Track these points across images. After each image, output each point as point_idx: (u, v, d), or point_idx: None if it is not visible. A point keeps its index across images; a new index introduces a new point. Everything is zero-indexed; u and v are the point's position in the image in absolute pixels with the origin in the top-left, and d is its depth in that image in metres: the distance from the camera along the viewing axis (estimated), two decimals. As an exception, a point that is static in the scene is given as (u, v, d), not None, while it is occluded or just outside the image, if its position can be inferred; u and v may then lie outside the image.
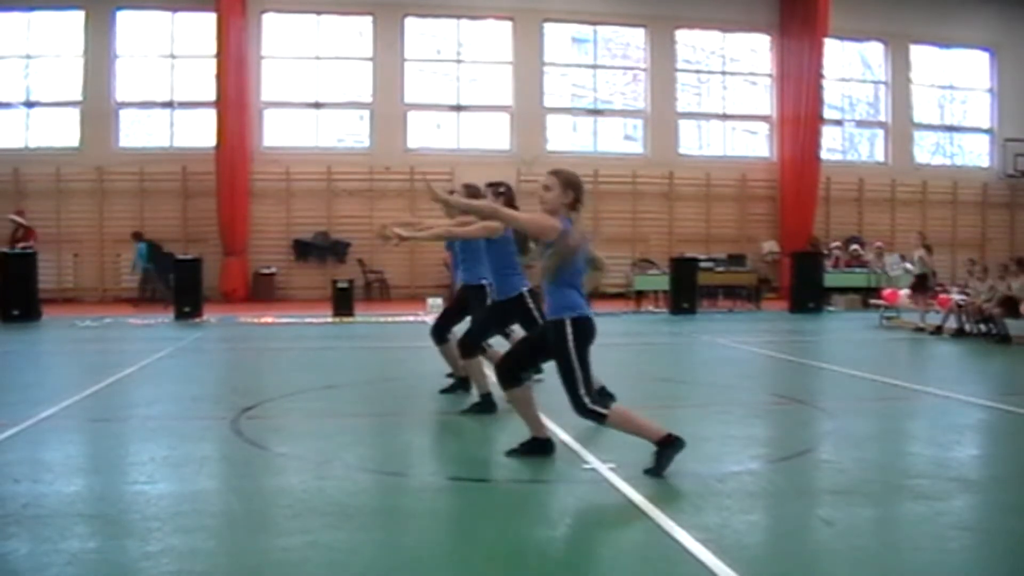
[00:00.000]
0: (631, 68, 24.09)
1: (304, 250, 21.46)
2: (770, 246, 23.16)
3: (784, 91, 23.45)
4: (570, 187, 4.80)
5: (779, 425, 6.52)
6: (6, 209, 19.77)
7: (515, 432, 5.46)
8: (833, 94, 24.44)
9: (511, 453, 5.26)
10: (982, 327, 12.31)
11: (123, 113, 21.86)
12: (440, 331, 7.33)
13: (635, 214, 22.72)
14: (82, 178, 20.89)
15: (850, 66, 25.08)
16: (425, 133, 22.70)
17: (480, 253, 6.67)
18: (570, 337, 4.75)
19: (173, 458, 5.30)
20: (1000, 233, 24.89)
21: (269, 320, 15.53)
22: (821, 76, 22.61)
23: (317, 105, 22.27)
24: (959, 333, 12.63)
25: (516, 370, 5.13)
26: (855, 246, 21.84)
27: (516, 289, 6.39)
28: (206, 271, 17.35)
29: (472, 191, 6.63)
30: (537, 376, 7.10)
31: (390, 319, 15.99)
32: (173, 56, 21.83)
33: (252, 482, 4.87)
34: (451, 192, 6.35)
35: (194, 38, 21.56)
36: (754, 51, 24.47)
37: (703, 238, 22.62)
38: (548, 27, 23.10)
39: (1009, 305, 11.81)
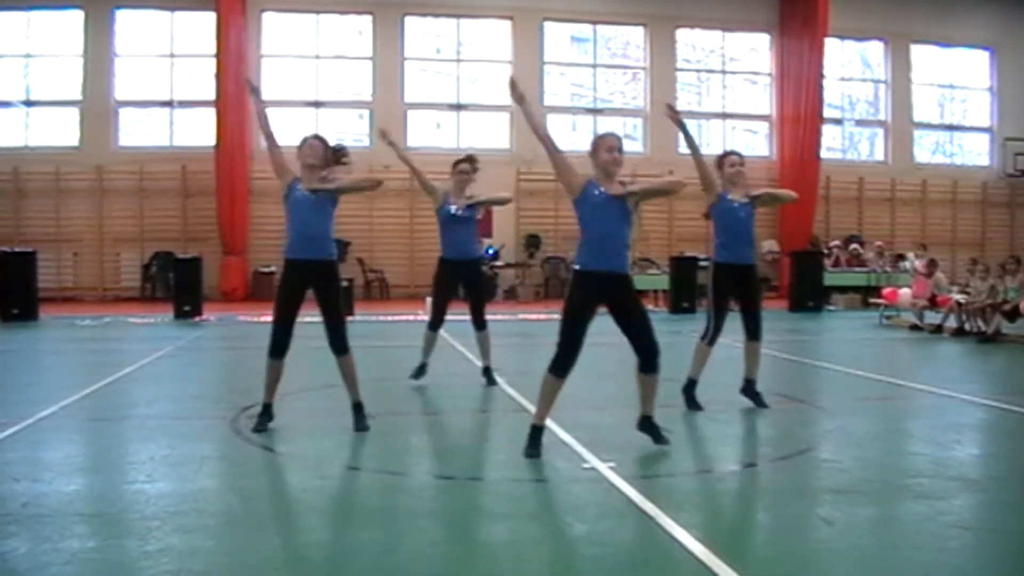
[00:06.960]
0: (631, 67, 24.08)
1: (304, 249, 21.40)
2: (770, 245, 23.14)
3: (784, 90, 23.43)
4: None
5: (779, 424, 6.51)
6: (6, 208, 19.74)
7: (515, 432, 5.45)
8: (833, 93, 24.42)
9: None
10: (981, 324, 12.31)
11: (123, 112, 21.84)
12: None
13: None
14: (82, 177, 20.87)
15: (850, 65, 25.07)
16: (425, 132, 22.67)
17: None
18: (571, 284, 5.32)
19: (172, 457, 5.29)
20: (1000, 232, 24.88)
21: (269, 319, 15.51)
22: (821, 75, 22.59)
23: (317, 104, 22.26)
24: (959, 332, 12.62)
25: None
26: (855, 245, 21.83)
27: None
28: (206, 270, 17.33)
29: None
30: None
31: (390, 318, 15.99)
32: (172, 55, 21.81)
33: (252, 482, 4.86)
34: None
35: (193, 37, 21.54)
36: (754, 50, 24.45)
37: (703, 237, 22.57)
38: (548, 26, 23.08)
39: (1011, 311, 11.81)
